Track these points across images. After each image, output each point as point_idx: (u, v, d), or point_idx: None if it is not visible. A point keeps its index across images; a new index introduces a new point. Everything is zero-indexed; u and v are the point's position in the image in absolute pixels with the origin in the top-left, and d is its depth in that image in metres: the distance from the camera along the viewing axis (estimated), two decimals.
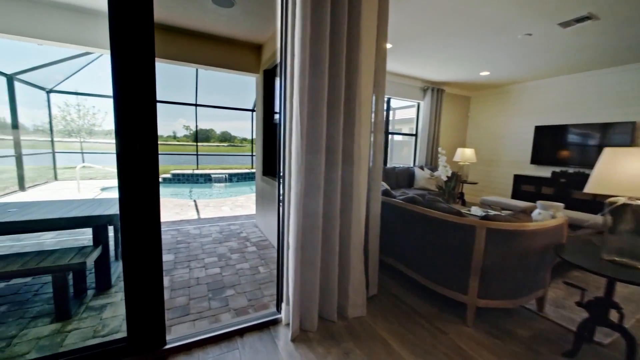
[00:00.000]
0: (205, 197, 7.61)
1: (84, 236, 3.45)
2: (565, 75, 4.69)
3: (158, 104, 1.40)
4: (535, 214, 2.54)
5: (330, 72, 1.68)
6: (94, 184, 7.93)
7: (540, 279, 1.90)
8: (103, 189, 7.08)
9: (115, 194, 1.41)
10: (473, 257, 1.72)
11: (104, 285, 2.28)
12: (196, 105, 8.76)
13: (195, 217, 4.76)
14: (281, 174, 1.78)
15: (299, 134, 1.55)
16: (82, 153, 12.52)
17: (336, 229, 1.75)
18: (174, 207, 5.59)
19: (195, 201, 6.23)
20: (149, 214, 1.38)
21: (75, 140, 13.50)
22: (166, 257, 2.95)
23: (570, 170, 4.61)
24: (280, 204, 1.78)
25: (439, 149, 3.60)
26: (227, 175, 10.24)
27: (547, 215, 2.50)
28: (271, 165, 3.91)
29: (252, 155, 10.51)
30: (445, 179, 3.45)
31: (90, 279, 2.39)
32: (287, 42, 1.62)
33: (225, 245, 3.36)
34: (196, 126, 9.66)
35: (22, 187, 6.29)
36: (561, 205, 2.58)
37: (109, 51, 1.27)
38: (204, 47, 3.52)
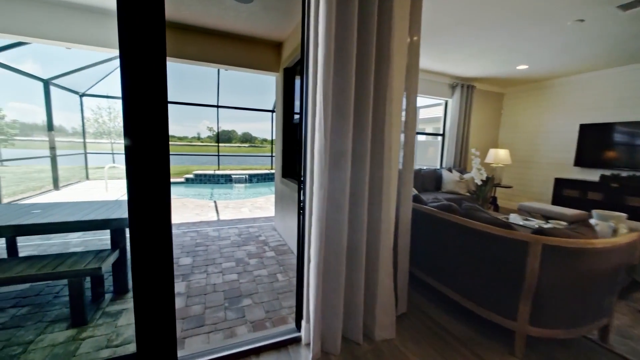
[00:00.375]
0: (226, 197, 7.66)
1: (108, 236, 3.50)
2: (619, 67, 4.18)
3: (183, 106, 1.30)
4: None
5: (358, 66, 1.50)
6: (121, 183, 8.24)
7: (606, 305, 1.60)
8: None
9: None
10: (525, 278, 1.47)
11: (121, 289, 2.24)
12: (218, 106, 8.87)
13: (215, 218, 4.74)
14: (302, 178, 1.62)
15: (323, 134, 1.38)
16: (113, 154, 13.15)
17: (363, 240, 1.56)
18: (195, 207, 5.63)
19: (215, 202, 6.26)
20: (159, 221, 1.27)
21: (106, 141, 14.23)
22: (184, 261, 2.90)
23: (623, 173, 4.10)
24: (301, 211, 1.62)
25: (473, 150, 3.29)
26: (247, 176, 10.31)
27: (606, 227, 2.16)
28: (291, 167, 3.78)
29: (271, 156, 10.52)
30: (479, 182, 3.14)
31: (110, 282, 2.37)
32: (309, 33, 1.46)
33: (243, 249, 3.26)
34: (217, 127, 9.81)
35: (56, 186, 6.63)
36: (623, 215, 2.22)
37: None
38: (224, 46, 3.45)
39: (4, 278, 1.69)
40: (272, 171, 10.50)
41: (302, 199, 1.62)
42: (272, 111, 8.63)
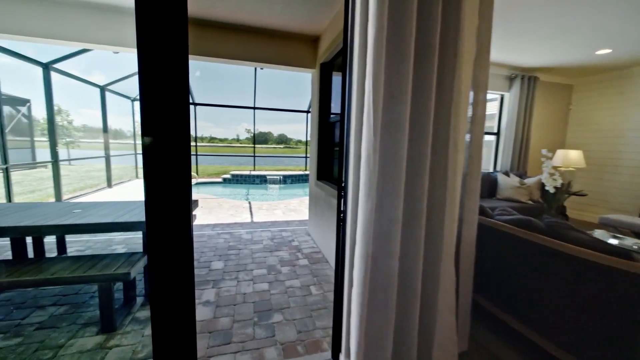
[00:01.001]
0: (260, 198, 7.69)
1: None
2: None
3: (224, 109, 1.14)
4: None
5: (417, 52, 1.20)
6: None
7: None
8: None
9: None
10: None
11: None
12: (254, 108, 8.99)
13: (249, 220, 4.68)
14: (343, 184, 1.36)
15: (371, 131, 1.11)
16: None
17: (419, 264, 1.26)
18: (230, 208, 5.67)
19: (249, 203, 6.27)
20: (178, 228, 1.10)
21: None
22: (216, 265, 2.81)
23: None
24: (341, 223, 1.37)
25: (543, 152, 2.76)
26: (281, 177, 10.34)
27: None
28: (326, 169, 3.55)
29: (305, 157, 10.43)
30: (552, 189, 2.61)
31: (142, 284, 2.33)
32: (355, 15, 1.20)
33: (275, 255, 3.10)
34: (254, 129, 9.97)
35: (109, 184, 7.18)
36: None
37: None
38: (259, 43, 3.34)
39: (38, 280, 1.68)
40: (306, 172, 10.40)
41: (342, 208, 1.36)
42: (307, 112, 8.51)
